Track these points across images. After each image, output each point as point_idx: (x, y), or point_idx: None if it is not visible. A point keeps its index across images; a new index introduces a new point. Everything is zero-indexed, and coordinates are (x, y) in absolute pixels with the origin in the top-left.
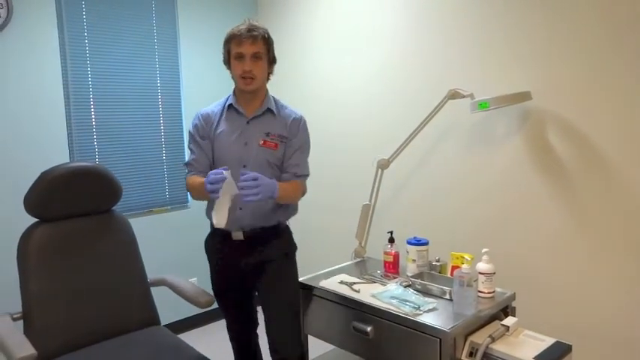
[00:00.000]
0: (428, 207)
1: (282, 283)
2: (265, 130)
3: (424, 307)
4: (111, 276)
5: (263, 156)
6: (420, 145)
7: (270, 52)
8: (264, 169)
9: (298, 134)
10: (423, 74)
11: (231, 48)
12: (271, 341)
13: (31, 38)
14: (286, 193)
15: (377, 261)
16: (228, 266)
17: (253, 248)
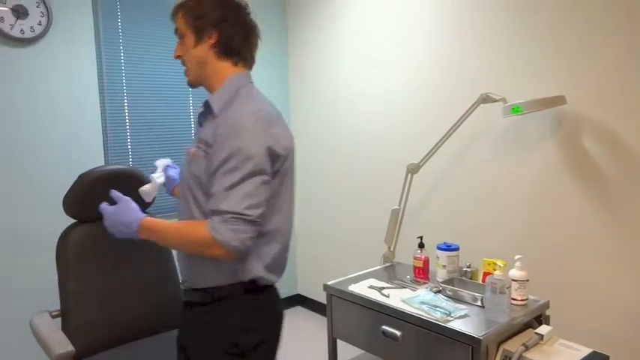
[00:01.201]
0: (458, 212)
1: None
2: (198, 136)
3: (455, 313)
4: (144, 277)
5: (186, 174)
6: (450, 150)
7: (193, 24)
8: (186, 194)
9: (225, 143)
10: (453, 78)
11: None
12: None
13: (70, 45)
14: (163, 235)
15: (406, 266)
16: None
17: (185, 321)
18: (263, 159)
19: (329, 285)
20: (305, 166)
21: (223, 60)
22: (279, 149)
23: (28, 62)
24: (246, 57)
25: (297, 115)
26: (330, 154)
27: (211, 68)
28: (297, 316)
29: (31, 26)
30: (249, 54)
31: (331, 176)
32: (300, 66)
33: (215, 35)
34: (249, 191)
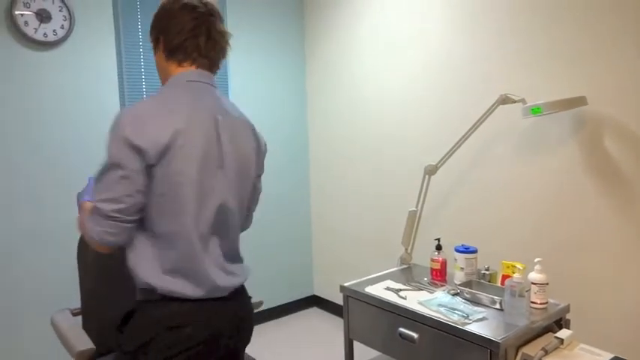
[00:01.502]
0: (476, 214)
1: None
2: None
3: (473, 316)
4: None
5: None
6: (469, 151)
7: (150, 36)
8: None
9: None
10: (471, 79)
11: None
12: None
13: (91, 47)
14: (80, 215)
15: (423, 268)
16: None
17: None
18: (121, 153)
19: (346, 286)
20: (321, 167)
21: (170, 61)
22: (141, 143)
23: (51, 65)
24: (193, 56)
25: (315, 114)
26: (347, 155)
27: (164, 70)
28: (312, 317)
29: (54, 30)
30: (196, 52)
31: (348, 177)
32: (318, 65)
33: (162, 40)
34: (105, 185)
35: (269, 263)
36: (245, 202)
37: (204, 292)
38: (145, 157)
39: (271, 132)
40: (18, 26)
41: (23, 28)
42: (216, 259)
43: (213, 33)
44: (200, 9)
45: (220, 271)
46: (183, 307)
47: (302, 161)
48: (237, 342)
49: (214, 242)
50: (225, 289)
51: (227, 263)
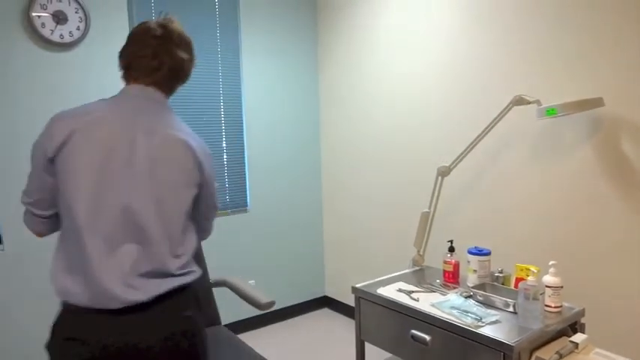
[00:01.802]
0: (490, 216)
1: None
2: None
3: (486, 319)
4: None
5: None
6: (482, 152)
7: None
8: None
9: None
10: (484, 80)
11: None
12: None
13: (106, 48)
14: None
15: (435, 270)
16: None
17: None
18: (35, 151)
19: (357, 287)
20: (333, 168)
21: (125, 78)
22: (45, 141)
23: (67, 66)
24: (141, 75)
25: (327, 116)
26: (360, 157)
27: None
28: (324, 318)
29: (70, 31)
30: (144, 72)
31: (359, 178)
32: (331, 68)
33: (120, 59)
34: (28, 178)
35: (281, 264)
36: (176, 213)
37: (91, 295)
38: (46, 154)
39: (283, 135)
40: (35, 28)
41: (40, 29)
42: (119, 266)
43: (162, 55)
44: (155, 32)
45: (117, 279)
46: (77, 316)
47: (314, 163)
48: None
49: (128, 249)
50: (116, 298)
51: (134, 274)
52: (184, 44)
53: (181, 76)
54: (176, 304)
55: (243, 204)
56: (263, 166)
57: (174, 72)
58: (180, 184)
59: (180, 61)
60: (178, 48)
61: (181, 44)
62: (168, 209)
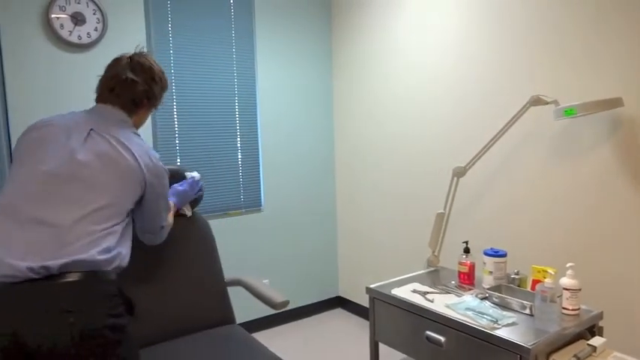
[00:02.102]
0: (506, 218)
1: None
2: None
3: (502, 320)
4: (192, 274)
5: None
6: (498, 153)
7: None
8: None
9: None
10: (501, 80)
11: (162, 96)
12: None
13: (123, 49)
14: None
15: (450, 271)
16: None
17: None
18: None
19: (371, 288)
20: (347, 168)
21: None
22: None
23: (85, 66)
24: (103, 95)
25: (341, 117)
26: (374, 157)
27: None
28: (337, 318)
29: (88, 32)
30: (105, 92)
31: (374, 178)
32: (345, 64)
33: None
34: None
35: (294, 264)
36: (103, 201)
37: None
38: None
39: (297, 135)
40: (54, 29)
41: (59, 30)
42: (25, 235)
43: (118, 77)
44: (121, 61)
45: (16, 250)
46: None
47: (327, 163)
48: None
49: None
50: (14, 268)
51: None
52: (142, 70)
53: (136, 99)
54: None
55: (257, 204)
56: (277, 166)
57: (131, 94)
58: (113, 189)
59: (130, 83)
60: (133, 72)
61: (137, 70)
62: (104, 200)
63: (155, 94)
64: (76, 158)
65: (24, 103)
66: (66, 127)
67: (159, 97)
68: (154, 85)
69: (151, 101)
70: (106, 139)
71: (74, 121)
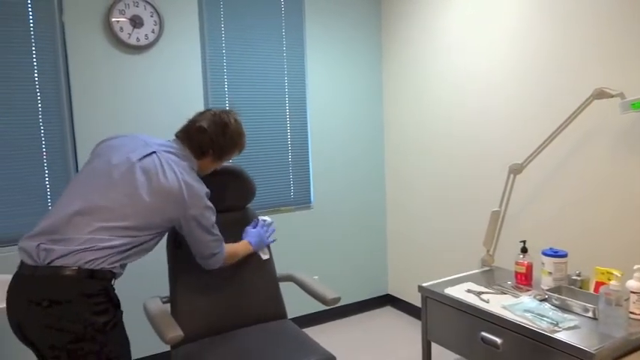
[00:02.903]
0: (566, 216)
1: None
2: None
3: (563, 323)
4: (245, 269)
5: None
6: (558, 149)
7: None
8: None
9: None
10: (560, 72)
11: (232, 152)
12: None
13: (178, 50)
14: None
15: (506, 271)
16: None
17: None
18: None
19: (424, 287)
20: (397, 164)
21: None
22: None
23: (142, 67)
24: (179, 131)
25: (391, 109)
26: (426, 152)
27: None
28: (387, 316)
29: (146, 34)
30: (182, 129)
31: (426, 175)
32: (395, 61)
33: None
34: None
35: (344, 261)
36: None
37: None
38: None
39: (346, 132)
40: (114, 32)
41: (119, 33)
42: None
43: (195, 127)
44: (209, 112)
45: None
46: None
47: (377, 158)
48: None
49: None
50: (28, 247)
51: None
52: (217, 124)
53: (203, 146)
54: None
55: (307, 200)
56: (326, 163)
57: (191, 134)
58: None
59: (201, 131)
60: (209, 123)
61: (213, 122)
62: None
63: (222, 148)
64: (131, 160)
65: (87, 102)
66: (134, 141)
67: (226, 151)
68: (222, 140)
69: (216, 153)
70: (161, 160)
71: (144, 141)
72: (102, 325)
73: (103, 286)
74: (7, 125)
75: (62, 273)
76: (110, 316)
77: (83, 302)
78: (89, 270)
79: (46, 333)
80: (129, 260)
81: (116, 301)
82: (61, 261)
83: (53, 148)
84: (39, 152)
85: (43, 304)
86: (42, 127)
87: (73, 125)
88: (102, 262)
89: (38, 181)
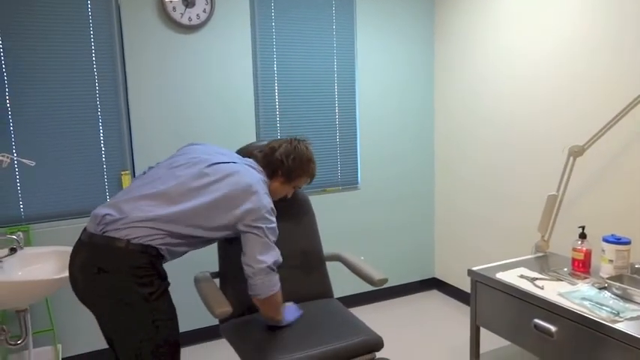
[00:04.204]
0: (630, 203)
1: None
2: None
3: (625, 313)
4: (293, 248)
5: None
6: (620, 132)
7: None
8: None
9: None
10: (622, 56)
11: (300, 177)
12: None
13: (229, 30)
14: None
15: (561, 257)
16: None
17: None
18: None
19: (474, 271)
20: (447, 144)
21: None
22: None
23: (194, 47)
24: (258, 151)
25: (442, 89)
26: (477, 132)
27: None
28: (433, 299)
29: (197, 14)
30: (261, 151)
31: (476, 156)
32: (446, 50)
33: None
34: None
35: (390, 242)
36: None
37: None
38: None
39: (395, 114)
40: (167, 12)
41: (172, 13)
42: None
43: (269, 147)
44: (285, 139)
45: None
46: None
47: (427, 138)
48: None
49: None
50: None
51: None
52: (289, 149)
53: (273, 165)
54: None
55: (354, 181)
56: (374, 144)
57: (265, 153)
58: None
59: (271, 148)
60: (279, 142)
61: (286, 147)
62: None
63: (290, 171)
64: (210, 161)
65: (139, 80)
66: (218, 149)
67: (294, 174)
68: (291, 163)
69: (284, 174)
70: (238, 169)
71: (228, 153)
72: (147, 294)
73: (148, 260)
74: (67, 101)
75: (112, 244)
76: (155, 287)
77: (129, 273)
78: (137, 244)
79: (96, 298)
80: (177, 249)
81: (163, 274)
82: (115, 233)
83: (110, 125)
84: (96, 129)
85: (93, 270)
86: (99, 104)
87: (127, 102)
88: (150, 240)
89: (96, 156)
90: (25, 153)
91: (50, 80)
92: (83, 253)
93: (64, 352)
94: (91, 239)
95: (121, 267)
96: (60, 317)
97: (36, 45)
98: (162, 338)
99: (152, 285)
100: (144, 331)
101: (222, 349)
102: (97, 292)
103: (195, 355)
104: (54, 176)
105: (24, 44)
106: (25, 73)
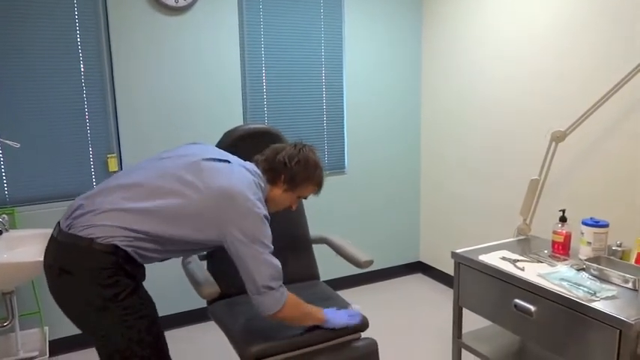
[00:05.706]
0: (609, 187)
1: None
2: None
3: (601, 293)
4: (281, 230)
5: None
6: (602, 118)
7: None
8: None
9: None
10: (611, 40)
11: (305, 183)
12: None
13: (216, 12)
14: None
15: (542, 240)
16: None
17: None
18: None
19: (457, 253)
20: (433, 128)
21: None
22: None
23: (180, 29)
24: (259, 155)
25: (429, 74)
26: (462, 115)
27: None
28: (417, 282)
29: None
30: (262, 154)
31: (461, 140)
32: (433, 34)
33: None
34: None
35: (376, 226)
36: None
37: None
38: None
39: (382, 98)
40: None
41: None
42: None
43: (272, 149)
44: (290, 144)
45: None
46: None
47: (413, 121)
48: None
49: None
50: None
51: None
52: (295, 152)
53: (275, 168)
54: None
55: (341, 165)
56: (361, 129)
57: (266, 156)
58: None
59: (274, 149)
60: (284, 145)
61: (292, 150)
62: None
63: (294, 176)
64: (202, 156)
65: (126, 62)
66: (214, 149)
67: (299, 180)
68: (295, 167)
69: (288, 182)
70: (231, 169)
71: (224, 153)
72: (112, 296)
73: (113, 261)
74: (52, 83)
75: (76, 243)
76: (121, 287)
77: (91, 275)
78: (101, 244)
79: (63, 300)
80: (148, 254)
81: (132, 272)
82: (79, 230)
83: (96, 107)
84: (82, 112)
85: (56, 271)
86: (84, 86)
87: (113, 84)
88: (117, 240)
89: (82, 139)
90: (9, 135)
91: (34, 61)
92: (51, 251)
93: (51, 335)
94: (58, 236)
95: (84, 268)
96: (47, 300)
97: (18, 24)
98: (136, 338)
99: (117, 285)
100: (114, 333)
101: (210, 331)
102: (63, 295)
103: (183, 338)
104: (39, 159)
105: (5, 22)
106: (8, 53)
